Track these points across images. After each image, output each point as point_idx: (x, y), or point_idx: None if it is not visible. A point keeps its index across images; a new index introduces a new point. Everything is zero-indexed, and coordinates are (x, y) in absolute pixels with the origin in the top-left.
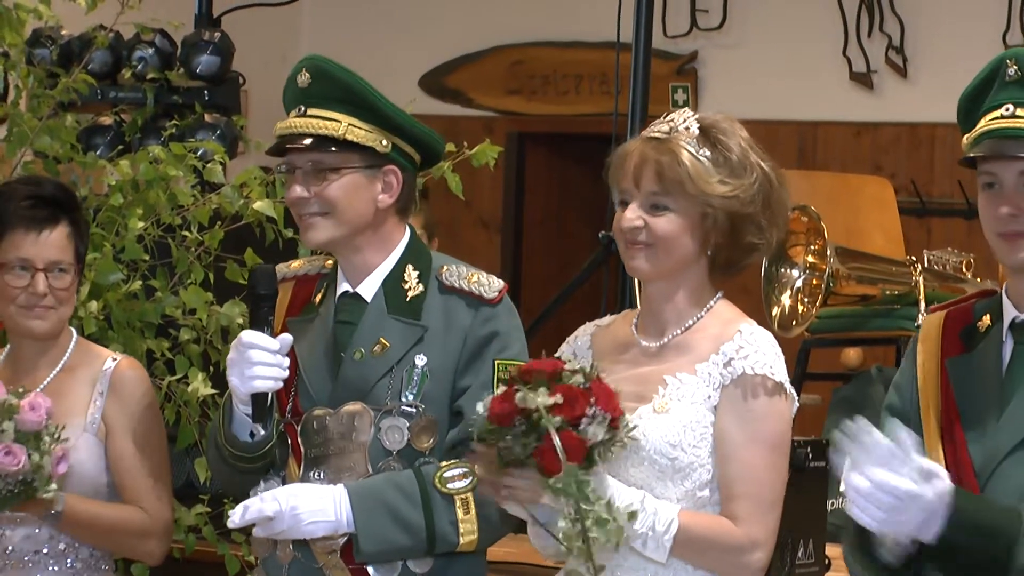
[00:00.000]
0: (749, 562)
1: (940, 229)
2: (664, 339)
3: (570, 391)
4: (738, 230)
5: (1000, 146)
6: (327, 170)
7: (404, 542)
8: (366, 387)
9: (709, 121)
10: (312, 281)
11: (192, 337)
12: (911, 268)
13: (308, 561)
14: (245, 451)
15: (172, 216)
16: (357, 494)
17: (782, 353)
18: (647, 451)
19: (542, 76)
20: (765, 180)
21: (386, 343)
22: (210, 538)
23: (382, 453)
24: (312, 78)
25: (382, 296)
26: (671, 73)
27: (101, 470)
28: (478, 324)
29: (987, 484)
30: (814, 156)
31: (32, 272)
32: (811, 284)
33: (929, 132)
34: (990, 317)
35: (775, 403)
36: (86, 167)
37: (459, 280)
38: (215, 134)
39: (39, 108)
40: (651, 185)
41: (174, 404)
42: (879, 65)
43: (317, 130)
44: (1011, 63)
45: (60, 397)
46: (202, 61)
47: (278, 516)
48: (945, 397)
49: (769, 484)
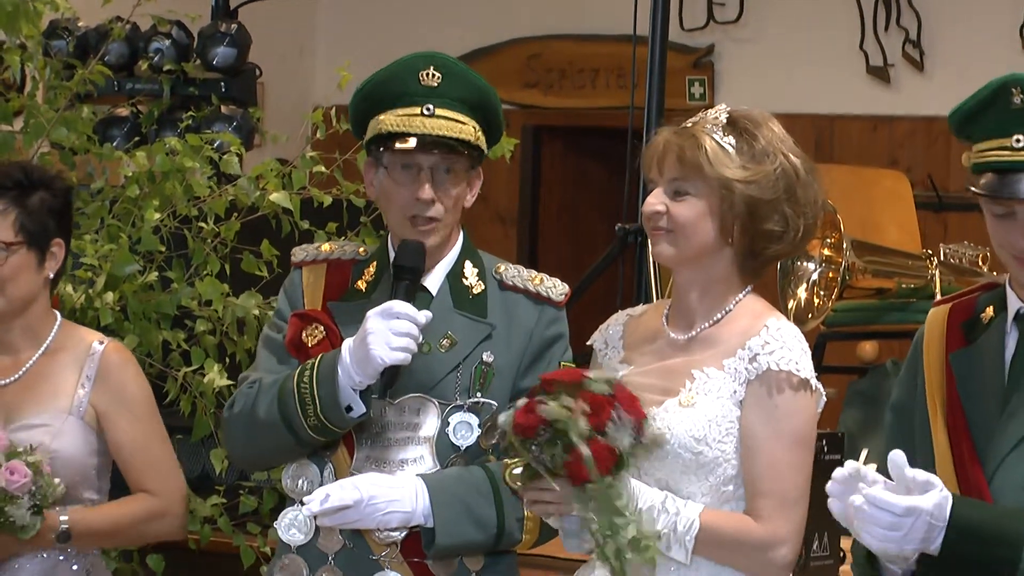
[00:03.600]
0: (774, 559)
1: (956, 223)
2: (692, 332)
3: (595, 398)
4: (757, 216)
5: (1013, 184)
6: (453, 172)
7: (477, 537)
8: (431, 381)
9: (740, 112)
10: (345, 266)
11: (208, 328)
12: (927, 262)
13: (362, 551)
14: (337, 424)
15: (188, 207)
16: (434, 487)
17: (808, 349)
18: (672, 445)
19: (559, 69)
20: (791, 170)
21: (454, 338)
22: (225, 529)
23: (450, 448)
24: (443, 77)
25: (447, 290)
26: (688, 66)
27: (87, 453)
28: (543, 325)
29: (993, 477)
30: (830, 150)
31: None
32: (827, 277)
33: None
34: (993, 309)
35: (800, 399)
36: (102, 158)
37: (523, 281)
38: (231, 126)
39: (56, 100)
40: (672, 171)
41: (190, 395)
42: (896, 59)
43: (455, 134)
44: (1016, 91)
45: (43, 379)
46: (219, 53)
47: (356, 504)
48: (949, 391)
49: (793, 481)
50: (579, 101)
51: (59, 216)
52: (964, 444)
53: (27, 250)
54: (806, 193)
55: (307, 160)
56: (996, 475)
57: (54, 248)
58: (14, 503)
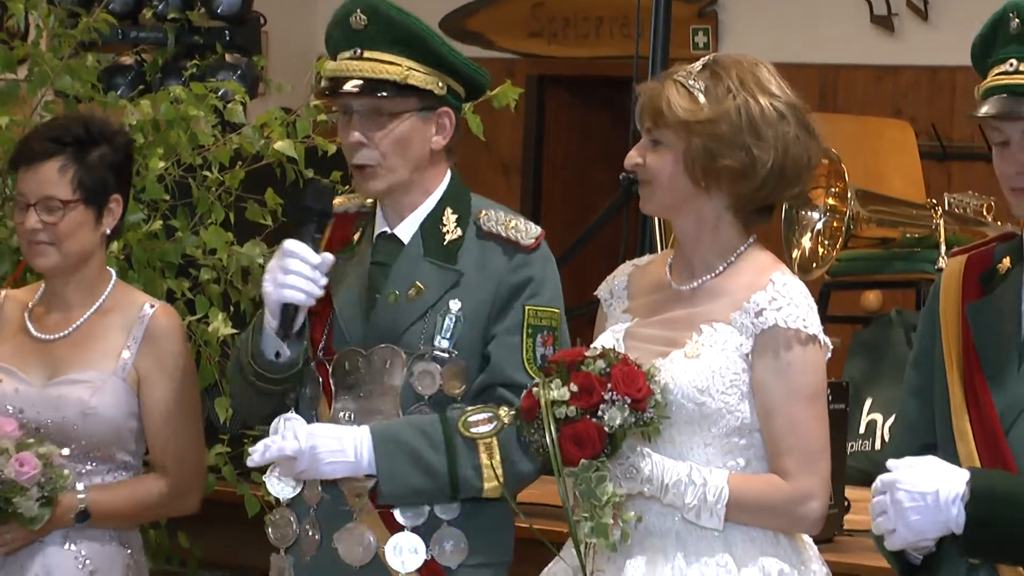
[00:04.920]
0: (806, 513)
1: (960, 173)
2: (695, 283)
3: (587, 379)
4: (714, 154)
5: (1006, 104)
6: (386, 115)
7: (426, 485)
8: (399, 330)
9: (721, 57)
10: (351, 219)
11: (212, 277)
12: (931, 211)
13: (337, 503)
14: (267, 370)
15: (193, 156)
16: (379, 436)
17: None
18: (675, 395)
19: (563, 19)
20: (755, 106)
21: (421, 287)
22: (230, 478)
23: (413, 398)
24: (369, 19)
25: (419, 239)
26: (692, 16)
27: (125, 415)
28: (511, 270)
29: (1010, 431)
30: (835, 100)
31: (27, 206)
32: (831, 227)
33: (950, 76)
34: (1010, 260)
35: (810, 354)
36: (107, 107)
37: (497, 225)
38: (236, 74)
39: (60, 48)
40: (647, 122)
41: (194, 344)
42: (900, 8)
43: (377, 74)
44: (1013, 16)
45: (92, 339)
46: (223, 2)
47: (298, 455)
48: (966, 343)
49: (813, 435)
50: (583, 50)
51: (119, 172)
52: (981, 396)
53: (85, 207)
54: (775, 131)
55: (311, 109)
56: (1013, 427)
57: (112, 204)
58: (23, 494)
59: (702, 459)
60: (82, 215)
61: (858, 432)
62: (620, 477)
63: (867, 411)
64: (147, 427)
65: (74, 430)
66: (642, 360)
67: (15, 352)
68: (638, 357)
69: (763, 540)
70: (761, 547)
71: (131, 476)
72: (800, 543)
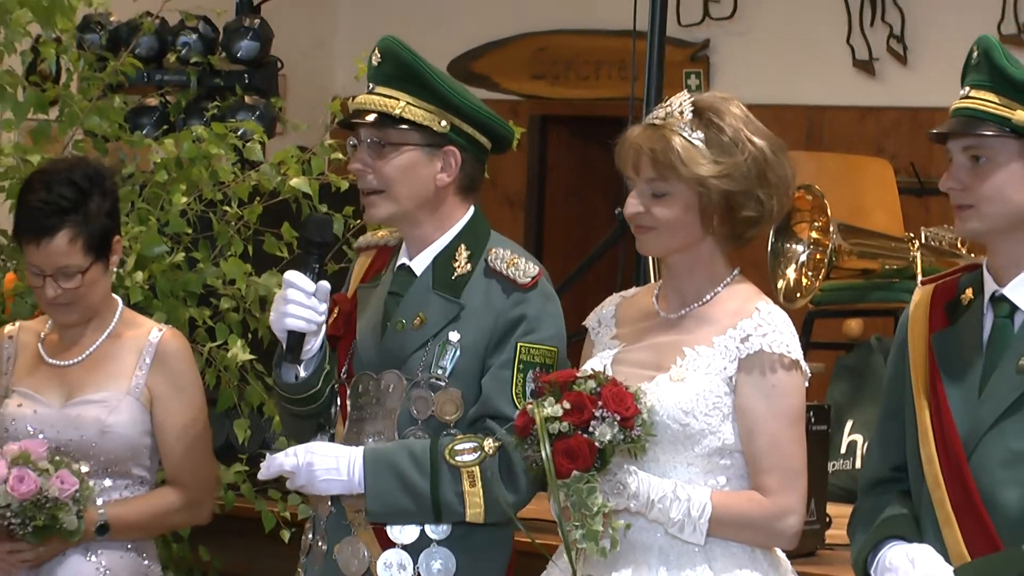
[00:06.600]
0: (784, 528)
1: (938, 207)
2: (682, 311)
3: (579, 398)
4: (735, 206)
5: (953, 124)
6: (388, 145)
7: (409, 507)
8: (403, 357)
9: (704, 103)
10: (389, 252)
11: (232, 306)
12: (909, 244)
13: (340, 518)
14: (287, 391)
15: (213, 192)
16: (371, 457)
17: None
18: (660, 416)
19: (564, 62)
20: (759, 155)
21: (424, 317)
22: (248, 495)
23: (409, 421)
24: (383, 58)
25: (430, 272)
26: (685, 60)
27: (142, 433)
28: (509, 307)
29: (972, 456)
30: (820, 138)
31: (43, 276)
32: (815, 258)
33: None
34: (973, 290)
35: (793, 378)
36: (133, 145)
37: (500, 263)
38: (254, 115)
39: (89, 90)
40: (648, 172)
41: (214, 369)
42: (881, 53)
43: (378, 107)
44: (974, 49)
45: (105, 362)
46: (243, 46)
47: (296, 471)
48: (932, 371)
49: (794, 454)
50: (583, 92)
51: (112, 213)
52: (946, 421)
53: (96, 263)
54: (776, 173)
55: (325, 147)
56: (975, 453)
57: (115, 245)
58: (65, 510)
59: (685, 477)
60: (96, 271)
61: (840, 452)
62: (608, 493)
63: (848, 432)
64: (161, 443)
65: (93, 448)
66: (629, 383)
67: (32, 377)
68: (625, 380)
69: (741, 554)
70: (739, 560)
71: (147, 491)
72: (775, 557)
